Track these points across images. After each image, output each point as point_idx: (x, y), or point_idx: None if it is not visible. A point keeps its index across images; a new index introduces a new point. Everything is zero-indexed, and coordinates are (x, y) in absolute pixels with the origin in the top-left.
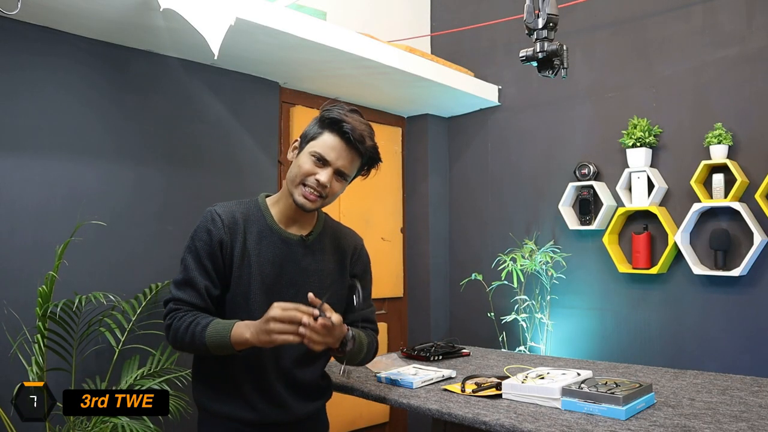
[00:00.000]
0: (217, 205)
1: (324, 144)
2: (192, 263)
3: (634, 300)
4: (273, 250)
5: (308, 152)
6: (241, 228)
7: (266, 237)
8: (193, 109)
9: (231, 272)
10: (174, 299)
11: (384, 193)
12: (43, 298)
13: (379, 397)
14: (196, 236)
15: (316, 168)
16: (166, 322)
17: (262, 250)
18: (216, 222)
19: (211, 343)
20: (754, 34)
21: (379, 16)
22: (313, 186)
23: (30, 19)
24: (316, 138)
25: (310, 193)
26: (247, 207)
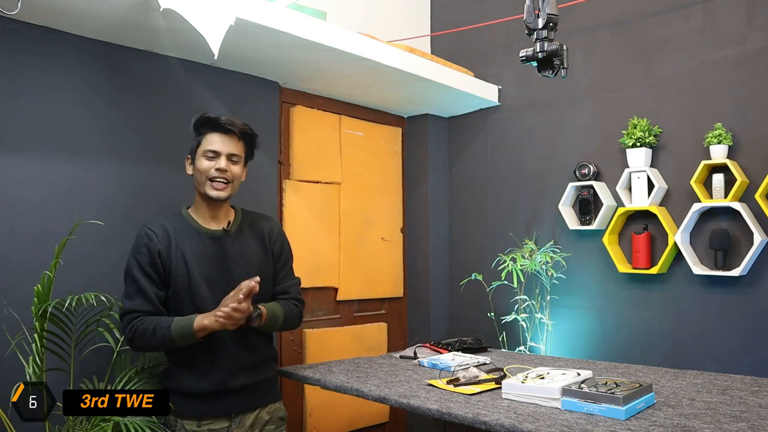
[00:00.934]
0: (148, 222)
1: (208, 142)
2: (139, 275)
3: (634, 300)
4: (203, 247)
5: (200, 155)
6: (172, 236)
7: (194, 237)
8: (193, 109)
9: (171, 274)
10: (129, 311)
11: (384, 193)
12: (39, 298)
13: (379, 397)
14: (136, 252)
15: (212, 162)
16: (127, 334)
17: (194, 247)
18: (150, 236)
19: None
20: (754, 34)
21: (379, 16)
22: (216, 176)
23: (30, 19)
24: (201, 142)
25: (218, 183)
26: (173, 219)
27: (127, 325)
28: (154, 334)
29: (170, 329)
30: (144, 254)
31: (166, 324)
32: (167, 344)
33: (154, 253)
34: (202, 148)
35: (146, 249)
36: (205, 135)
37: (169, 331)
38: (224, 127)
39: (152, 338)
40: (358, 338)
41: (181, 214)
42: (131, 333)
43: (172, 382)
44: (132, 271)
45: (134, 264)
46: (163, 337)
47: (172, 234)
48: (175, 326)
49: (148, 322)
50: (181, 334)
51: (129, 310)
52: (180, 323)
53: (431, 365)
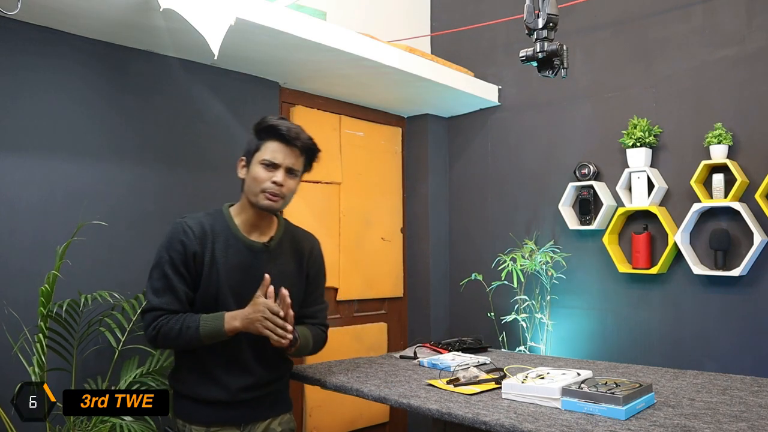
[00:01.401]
0: (186, 217)
1: (268, 150)
2: (170, 272)
3: (634, 300)
4: (239, 257)
5: (257, 163)
6: (209, 238)
7: (232, 245)
8: (193, 109)
9: (200, 279)
10: (155, 308)
11: (384, 193)
12: (45, 298)
13: (379, 397)
14: (170, 247)
15: (269, 173)
16: (150, 332)
17: (229, 257)
18: (188, 233)
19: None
20: (754, 34)
21: (379, 16)
22: (272, 189)
23: (30, 19)
24: (260, 149)
25: (271, 196)
26: (213, 218)
27: (151, 323)
28: (180, 334)
29: (198, 330)
30: (179, 251)
31: (194, 324)
32: (193, 345)
33: (189, 254)
34: (261, 155)
35: (182, 246)
36: (265, 142)
37: (197, 332)
38: (288, 138)
39: (178, 338)
40: (358, 338)
41: (222, 214)
42: (154, 332)
43: (183, 386)
44: (163, 266)
45: (166, 259)
46: (190, 338)
47: (209, 236)
48: (204, 327)
49: (174, 321)
50: (210, 335)
51: (155, 306)
52: (209, 325)
53: (431, 365)
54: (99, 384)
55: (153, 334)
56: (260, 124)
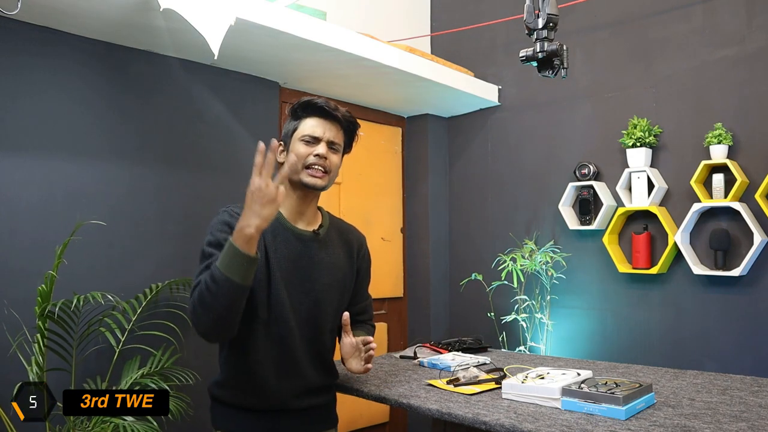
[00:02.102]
0: (232, 205)
1: (306, 126)
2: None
3: (634, 300)
4: (288, 246)
5: (297, 140)
6: None
7: (280, 234)
8: (193, 109)
9: None
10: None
11: (384, 193)
12: (42, 298)
13: (379, 397)
14: (215, 229)
15: (311, 147)
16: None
17: (278, 246)
18: (235, 217)
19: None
20: (754, 34)
21: (379, 16)
22: (315, 162)
23: (30, 19)
24: (298, 127)
25: (316, 171)
26: None
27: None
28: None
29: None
30: (226, 231)
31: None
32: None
33: None
34: (300, 132)
35: (228, 227)
36: (303, 119)
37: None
38: (327, 111)
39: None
40: None
41: None
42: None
43: (228, 393)
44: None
45: (213, 242)
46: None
47: None
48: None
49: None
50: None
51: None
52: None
53: (431, 365)
54: (99, 384)
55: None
56: (297, 104)
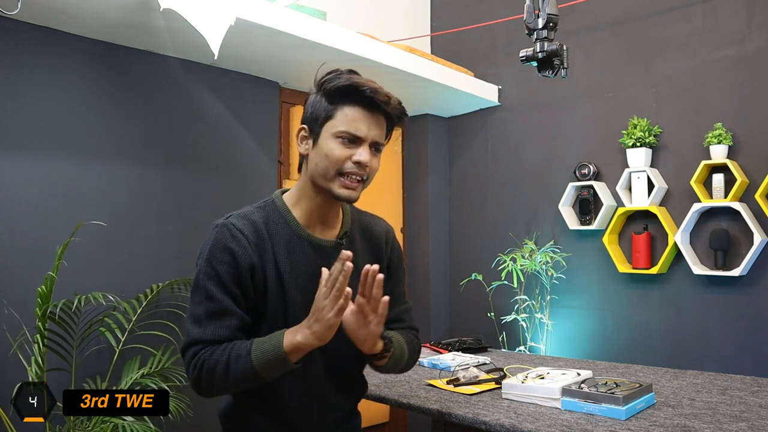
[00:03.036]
0: (232, 216)
1: (347, 120)
2: (215, 291)
3: (634, 300)
4: (306, 261)
5: (331, 135)
6: (267, 243)
7: (296, 247)
8: (193, 109)
9: (265, 297)
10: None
11: (384, 193)
12: (42, 299)
13: (379, 397)
14: (215, 258)
15: (349, 149)
16: (192, 373)
17: (294, 261)
18: (239, 240)
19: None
20: (754, 34)
21: (379, 16)
22: (354, 171)
23: (30, 19)
24: (333, 116)
25: (352, 181)
26: (265, 213)
27: (190, 361)
28: (228, 368)
29: (250, 358)
30: (227, 263)
31: (244, 350)
32: (250, 379)
33: (244, 266)
34: (337, 126)
35: (231, 256)
36: (341, 107)
37: (248, 361)
38: (376, 102)
39: (227, 375)
40: None
41: (275, 206)
42: (196, 372)
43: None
44: (207, 284)
45: (211, 275)
46: (242, 372)
47: (266, 237)
48: (257, 351)
49: (219, 353)
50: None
51: (195, 339)
52: (263, 346)
53: (431, 365)
54: (99, 384)
55: (195, 376)
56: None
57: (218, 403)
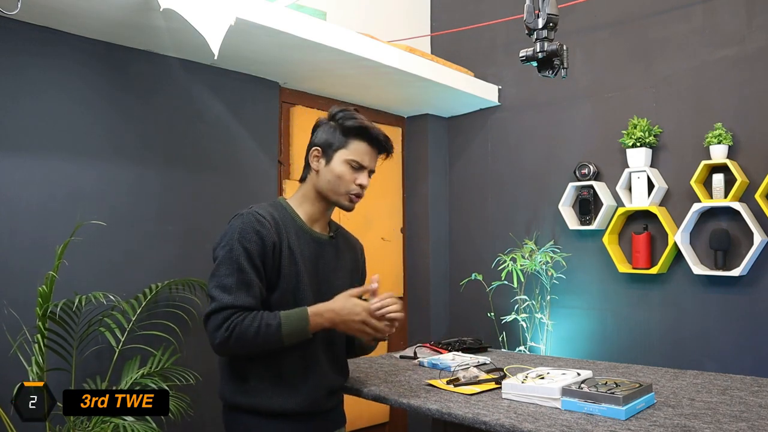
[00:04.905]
0: (254, 207)
1: (357, 152)
2: (246, 265)
3: (634, 300)
4: (309, 248)
5: (343, 160)
6: (283, 228)
7: (302, 236)
8: (193, 109)
9: (279, 272)
10: (227, 306)
11: (384, 193)
12: (43, 298)
13: (379, 397)
14: (244, 238)
15: (356, 174)
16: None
17: (302, 248)
18: (264, 224)
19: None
20: (754, 34)
21: (379, 16)
22: (357, 191)
23: (30, 19)
24: (346, 146)
25: (355, 197)
26: (277, 209)
27: (222, 323)
28: (258, 333)
29: (280, 329)
30: (255, 242)
31: (274, 322)
32: (271, 346)
33: (268, 244)
34: (348, 154)
35: (258, 237)
36: (353, 140)
37: (279, 331)
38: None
39: (256, 339)
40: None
41: (282, 206)
42: (227, 332)
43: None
44: (238, 259)
45: (241, 251)
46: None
47: (281, 225)
48: (286, 326)
49: (250, 320)
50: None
51: (227, 305)
52: (291, 322)
53: (431, 365)
54: (99, 384)
55: (225, 336)
56: (349, 120)
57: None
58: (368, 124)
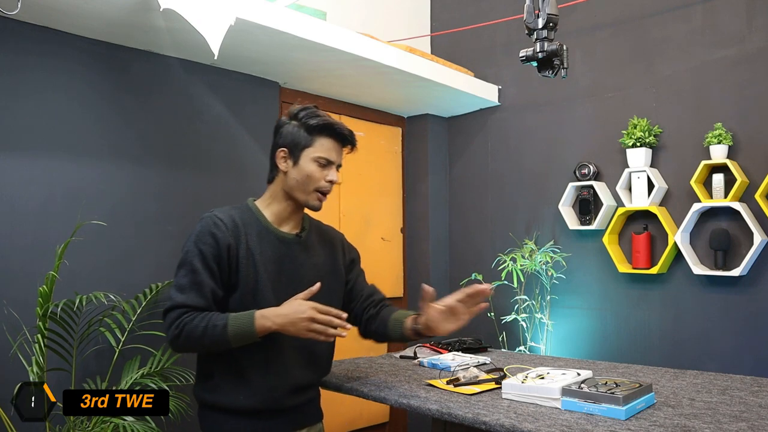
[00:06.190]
0: (215, 210)
1: (324, 149)
2: (199, 266)
3: (634, 300)
4: (273, 249)
5: (310, 159)
6: (242, 231)
7: (265, 237)
8: (193, 109)
9: (237, 274)
10: (179, 305)
11: (384, 193)
12: (43, 298)
13: (379, 397)
14: (200, 240)
15: (324, 171)
16: (173, 331)
17: (264, 249)
18: (220, 226)
19: (234, 337)
20: (754, 34)
21: (379, 16)
22: (327, 188)
23: (30, 19)
24: (312, 145)
25: (323, 195)
26: (241, 211)
27: (173, 321)
28: (205, 333)
29: (226, 330)
30: (210, 244)
31: (221, 322)
32: (220, 346)
33: (222, 246)
34: (316, 152)
35: (213, 239)
36: (318, 138)
37: (225, 331)
38: (344, 138)
39: (203, 338)
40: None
41: (248, 207)
42: (177, 330)
43: (215, 395)
44: (192, 260)
45: (195, 253)
46: (216, 339)
47: (241, 227)
48: (232, 327)
49: (199, 319)
50: (239, 336)
51: (179, 304)
52: (237, 324)
53: (431, 365)
54: (99, 384)
55: (175, 333)
56: (313, 119)
57: None
58: (332, 120)
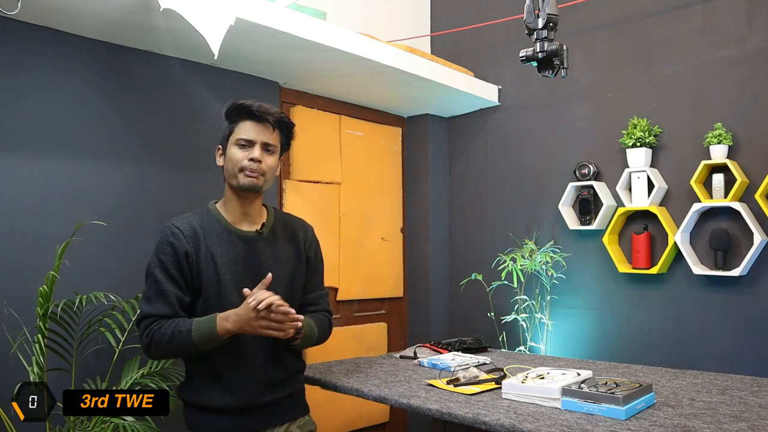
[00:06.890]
0: (173, 219)
1: (241, 130)
2: (161, 276)
3: (634, 300)
4: (234, 249)
5: (233, 144)
6: (201, 236)
7: (225, 238)
8: (193, 109)
9: (200, 279)
10: (146, 315)
11: (384, 193)
12: (43, 298)
13: (379, 397)
14: (160, 251)
15: (246, 151)
16: (144, 341)
17: (224, 250)
18: (177, 235)
19: (200, 341)
20: (754, 34)
21: (379, 16)
22: (249, 166)
23: (30, 19)
24: (233, 131)
25: (251, 173)
26: (200, 216)
27: (144, 331)
28: (172, 339)
29: (191, 334)
30: (169, 254)
31: (186, 328)
32: (188, 350)
33: (181, 254)
34: (235, 136)
35: (171, 248)
36: (237, 123)
37: (189, 336)
38: (258, 114)
39: (171, 344)
40: (358, 338)
41: (209, 210)
42: (148, 339)
43: (194, 396)
44: (154, 271)
45: (157, 264)
46: (183, 344)
47: (200, 233)
48: (196, 332)
49: (166, 327)
50: (204, 340)
51: (146, 314)
52: (201, 328)
53: (431, 365)
54: (99, 384)
55: (146, 342)
56: (230, 108)
57: None
58: (246, 102)
